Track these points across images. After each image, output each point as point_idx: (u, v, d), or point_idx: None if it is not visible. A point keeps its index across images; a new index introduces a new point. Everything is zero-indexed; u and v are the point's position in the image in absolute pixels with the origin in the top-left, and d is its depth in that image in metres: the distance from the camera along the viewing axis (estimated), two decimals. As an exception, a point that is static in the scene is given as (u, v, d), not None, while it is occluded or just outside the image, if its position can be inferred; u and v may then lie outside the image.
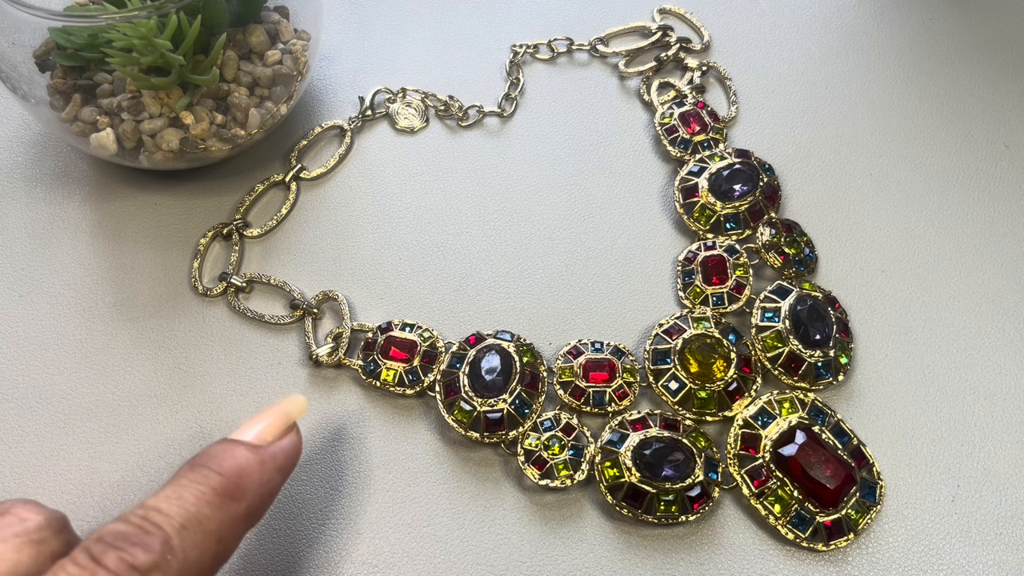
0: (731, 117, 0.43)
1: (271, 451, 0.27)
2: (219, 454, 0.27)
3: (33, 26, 0.36)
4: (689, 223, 0.40)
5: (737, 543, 0.32)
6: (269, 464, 0.27)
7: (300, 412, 0.29)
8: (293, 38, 0.40)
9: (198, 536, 0.24)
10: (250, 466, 0.26)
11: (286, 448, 0.28)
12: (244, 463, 0.26)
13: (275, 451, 0.28)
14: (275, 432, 0.28)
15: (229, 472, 0.26)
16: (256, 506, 0.26)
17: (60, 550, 0.24)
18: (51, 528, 0.24)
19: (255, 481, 0.26)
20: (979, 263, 0.39)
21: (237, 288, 0.38)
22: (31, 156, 0.42)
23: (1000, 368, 0.36)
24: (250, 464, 0.26)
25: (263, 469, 0.27)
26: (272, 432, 0.28)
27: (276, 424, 0.28)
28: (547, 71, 0.46)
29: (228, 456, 0.26)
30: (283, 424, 0.29)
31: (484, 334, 0.36)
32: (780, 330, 0.35)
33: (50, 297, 0.38)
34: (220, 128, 0.38)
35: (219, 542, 0.25)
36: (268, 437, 0.28)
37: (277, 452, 0.28)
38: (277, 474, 0.27)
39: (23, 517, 0.24)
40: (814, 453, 0.33)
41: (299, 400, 0.29)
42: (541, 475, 0.33)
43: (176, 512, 0.24)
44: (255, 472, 0.26)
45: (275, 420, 0.28)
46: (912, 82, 0.45)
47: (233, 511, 0.25)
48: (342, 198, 0.41)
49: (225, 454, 0.27)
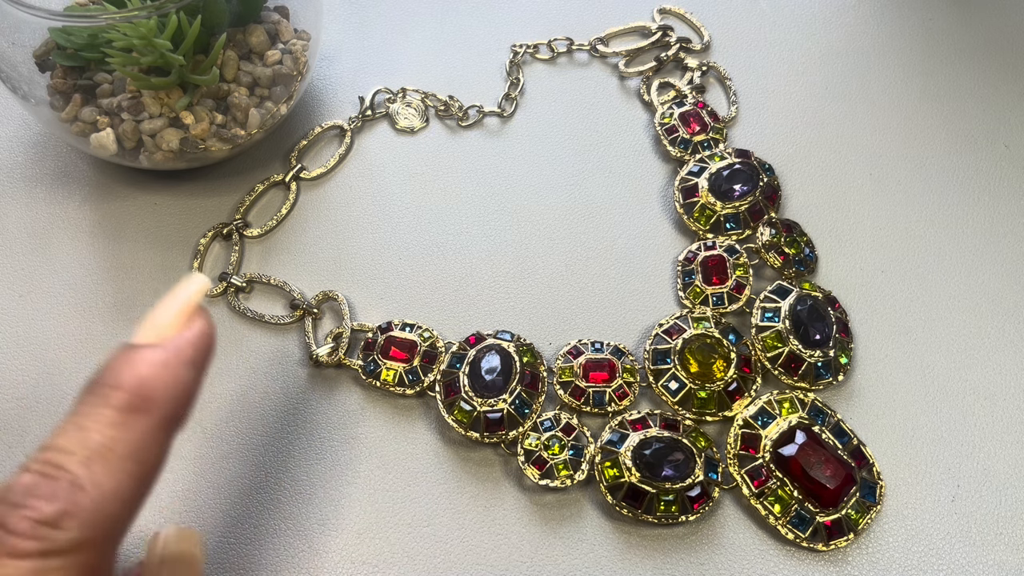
0: (731, 117, 0.43)
1: (175, 346, 0.24)
2: (116, 367, 0.23)
3: (33, 26, 0.36)
4: (689, 223, 0.40)
5: (737, 543, 0.32)
6: (175, 361, 0.24)
7: (200, 293, 0.26)
8: (293, 38, 0.40)
9: (110, 464, 0.22)
10: (153, 371, 0.23)
11: (192, 338, 0.25)
12: (145, 370, 0.23)
13: (180, 344, 0.24)
14: (177, 323, 0.25)
15: (129, 384, 0.23)
16: (172, 411, 0.24)
17: None
18: None
19: (163, 385, 0.23)
20: (979, 263, 0.39)
21: (237, 288, 0.38)
22: (31, 156, 0.42)
23: (1000, 368, 0.36)
24: (152, 369, 0.23)
25: (169, 369, 0.24)
26: (174, 324, 0.25)
27: (177, 314, 0.25)
28: (547, 71, 0.46)
29: (126, 367, 0.23)
30: (185, 312, 0.25)
31: (484, 334, 0.36)
32: (780, 330, 0.35)
33: (50, 297, 0.38)
34: (220, 128, 0.38)
35: (138, 463, 0.22)
36: (170, 332, 0.25)
37: (183, 345, 0.24)
38: (189, 369, 0.24)
39: None
40: (814, 453, 0.33)
41: (197, 279, 0.26)
42: (541, 475, 0.33)
43: (78, 446, 0.22)
44: (160, 376, 0.23)
45: (174, 309, 0.25)
46: (912, 82, 0.45)
47: (144, 425, 0.23)
48: (342, 198, 0.41)
49: (123, 365, 0.23)
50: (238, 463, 0.34)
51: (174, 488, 0.33)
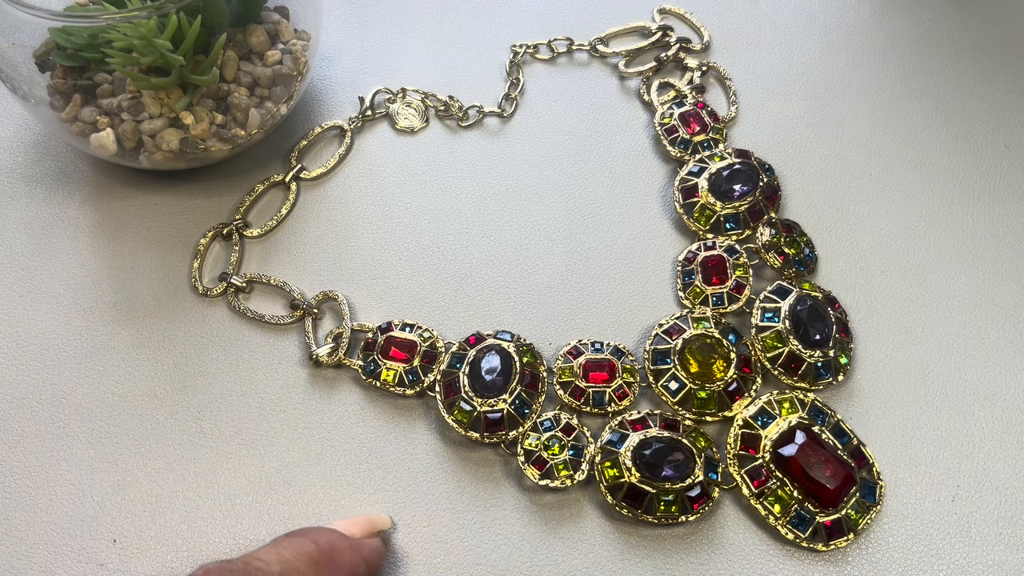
0: (731, 117, 0.43)
1: (360, 541, 0.30)
2: (315, 530, 0.30)
3: (33, 26, 0.36)
4: (689, 223, 0.40)
5: (737, 543, 0.32)
6: (357, 551, 0.30)
7: (384, 525, 0.32)
8: (293, 38, 0.40)
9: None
10: (342, 545, 0.29)
11: (373, 545, 0.31)
12: (337, 543, 0.29)
13: (363, 542, 0.31)
14: (362, 531, 0.31)
15: (323, 544, 0.29)
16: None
17: None
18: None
19: (345, 560, 0.29)
20: (979, 263, 0.39)
21: (237, 288, 0.38)
22: (31, 156, 0.42)
23: (1000, 368, 0.36)
24: (342, 544, 0.29)
25: (352, 553, 0.29)
26: (359, 530, 0.31)
27: (362, 526, 0.32)
28: (547, 71, 0.46)
29: (324, 533, 0.30)
30: (369, 528, 0.32)
31: (484, 334, 0.36)
32: (780, 330, 0.35)
33: (50, 297, 0.38)
34: (220, 128, 0.38)
35: None
36: (356, 533, 0.31)
37: (365, 544, 0.30)
38: (363, 564, 0.30)
39: None
40: (814, 453, 0.32)
41: (384, 518, 0.33)
42: (541, 475, 0.33)
43: (275, 562, 0.27)
44: (346, 552, 0.29)
45: (361, 523, 0.32)
46: (912, 82, 0.45)
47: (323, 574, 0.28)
48: (342, 198, 0.41)
49: (321, 531, 0.30)
50: (238, 463, 0.34)
51: (174, 488, 0.33)
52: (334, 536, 0.30)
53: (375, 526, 0.32)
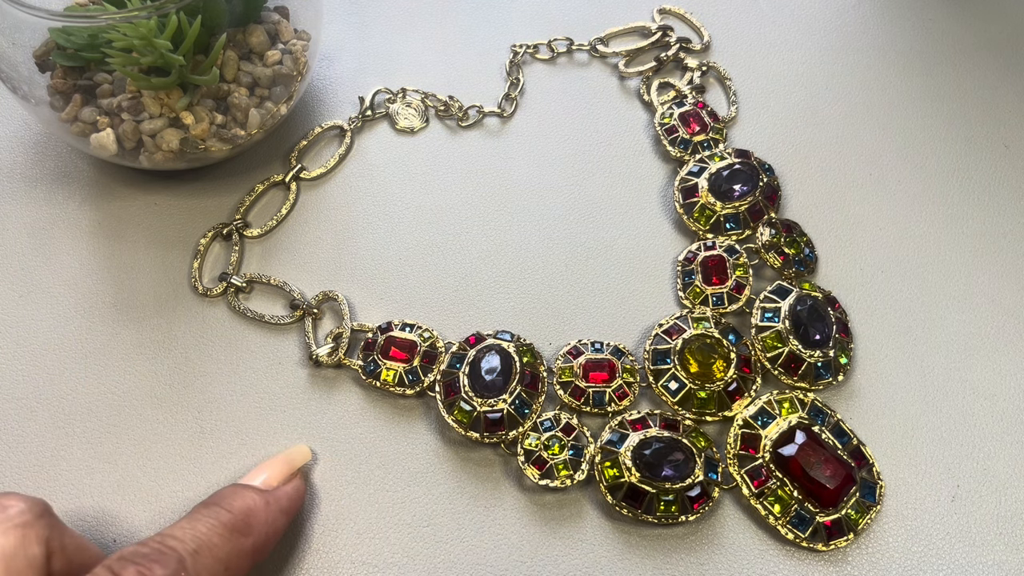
0: (731, 117, 0.43)
1: (276, 494, 0.30)
2: (229, 495, 0.29)
3: (33, 26, 0.36)
4: (689, 223, 0.40)
5: (737, 543, 0.32)
6: (274, 506, 0.30)
7: (303, 460, 0.33)
8: (293, 38, 0.40)
9: (209, 561, 0.27)
10: (256, 506, 0.29)
11: (290, 492, 0.31)
12: (251, 503, 0.29)
13: (279, 494, 0.31)
14: (279, 478, 0.31)
15: (237, 510, 0.29)
16: (261, 543, 0.29)
17: (44, 533, 0.26)
18: (32, 512, 0.26)
19: (261, 520, 0.29)
20: (979, 263, 0.39)
21: (237, 288, 0.38)
22: (31, 156, 0.42)
23: (1000, 368, 0.36)
24: (256, 504, 0.29)
25: (268, 510, 0.29)
26: (277, 477, 0.31)
27: (280, 470, 0.32)
28: (547, 71, 0.46)
29: (237, 497, 0.29)
30: (287, 470, 0.32)
31: (484, 334, 0.36)
32: (780, 330, 0.35)
33: (50, 297, 0.38)
34: (220, 128, 0.38)
35: (227, 570, 0.27)
36: (273, 482, 0.31)
37: (281, 495, 0.31)
38: (281, 515, 0.30)
39: (4, 505, 0.26)
40: (814, 453, 0.33)
41: (302, 449, 0.33)
42: (541, 475, 0.33)
43: (190, 538, 0.27)
44: (261, 512, 0.29)
45: (279, 467, 0.32)
46: (912, 82, 0.45)
47: (241, 544, 0.28)
48: (342, 198, 0.41)
49: (235, 495, 0.29)
50: (238, 463, 0.34)
51: (173, 487, 0.33)
52: (248, 496, 0.29)
53: (293, 464, 0.32)
